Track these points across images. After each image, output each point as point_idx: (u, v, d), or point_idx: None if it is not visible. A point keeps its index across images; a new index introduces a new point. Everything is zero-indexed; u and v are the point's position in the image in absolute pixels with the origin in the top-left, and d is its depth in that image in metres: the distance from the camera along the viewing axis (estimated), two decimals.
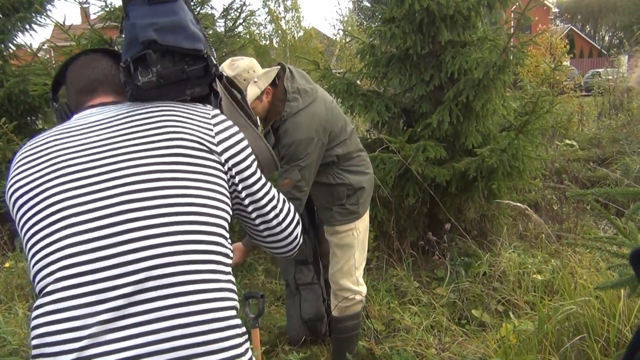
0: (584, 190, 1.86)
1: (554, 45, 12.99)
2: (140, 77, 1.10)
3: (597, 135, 8.37)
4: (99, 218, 1.00)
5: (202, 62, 1.14)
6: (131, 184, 1.03)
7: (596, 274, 3.10)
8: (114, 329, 0.93)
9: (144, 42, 1.08)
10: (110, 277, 0.95)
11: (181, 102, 1.20)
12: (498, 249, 4.01)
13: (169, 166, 1.06)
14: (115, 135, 1.10)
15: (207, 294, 1.00)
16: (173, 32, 1.10)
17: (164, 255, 0.98)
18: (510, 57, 3.81)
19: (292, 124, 2.48)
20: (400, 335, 3.11)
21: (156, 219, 1.01)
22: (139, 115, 1.14)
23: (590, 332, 2.53)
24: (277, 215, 1.25)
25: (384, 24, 4.09)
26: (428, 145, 3.84)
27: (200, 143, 1.11)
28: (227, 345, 1.01)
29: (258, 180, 1.21)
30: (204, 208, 1.07)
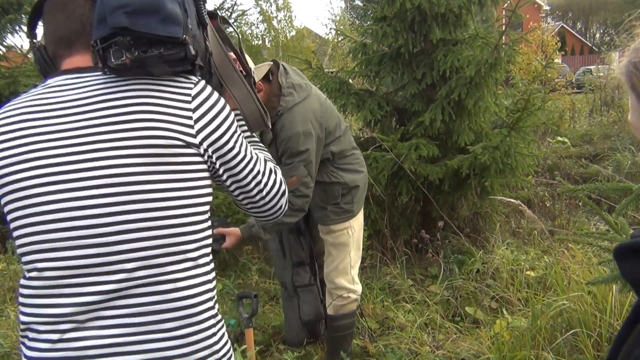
0: (575, 186, 1.87)
1: (546, 43, 13.05)
2: (112, 58, 1.00)
3: (588, 132, 8.42)
4: (79, 218, 1.01)
5: (181, 48, 1.03)
6: (105, 187, 1.01)
7: (589, 270, 3.12)
8: (95, 318, 1.02)
9: (113, 28, 0.98)
10: (93, 274, 1.02)
11: (161, 79, 1.09)
12: (491, 246, 4.02)
13: (143, 167, 1.02)
14: (89, 125, 1.03)
15: (183, 292, 1.06)
16: (146, 15, 0.98)
17: (142, 258, 1.03)
18: (501, 54, 3.82)
19: (288, 118, 2.47)
20: (394, 333, 3.11)
21: (133, 224, 1.02)
22: (113, 102, 1.04)
23: (583, 328, 2.54)
24: (261, 191, 1.21)
25: (375, 23, 4.10)
26: (421, 144, 3.85)
27: (177, 139, 1.04)
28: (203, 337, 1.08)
29: (241, 160, 1.16)
30: (179, 209, 1.05)
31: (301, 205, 2.52)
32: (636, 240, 0.65)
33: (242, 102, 1.26)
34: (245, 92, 1.26)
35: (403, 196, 4.05)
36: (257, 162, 1.20)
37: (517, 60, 4.51)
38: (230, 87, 1.24)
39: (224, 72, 1.23)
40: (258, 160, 1.21)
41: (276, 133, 2.50)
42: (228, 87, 1.24)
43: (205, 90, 1.12)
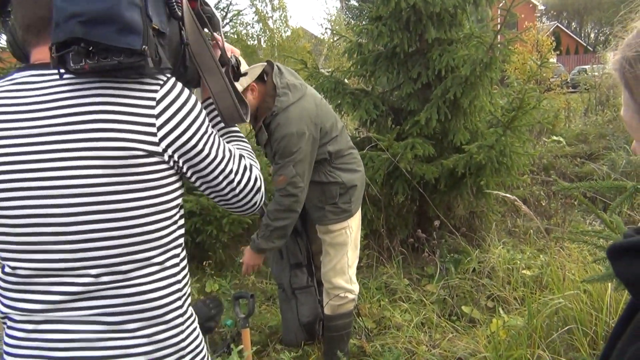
0: (570, 184, 1.87)
1: (540, 42, 13.08)
2: (72, 63, 0.95)
3: (583, 131, 8.44)
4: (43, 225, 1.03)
5: (140, 58, 0.97)
6: (68, 197, 1.01)
7: (584, 268, 3.13)
8: (64, 315, 1.06)
9: (67, 39, 0.94)
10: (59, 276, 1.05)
11: (125, 80, 1.04)
12: (487, 245, 4.03)
13: (104, 178, 1.01)
14: (53, 132, 1.01)
15: (148, 295, 1.09)
16: (102, 25, 0.93)
17: (107, 265, 1.05)
18: (496, 54, 3.83)
19: (283, 119, 2.47)
20: (391, 333, 3.12)
21: (95, 233, 1.03)
22: (77, 108, 1.01)
23: (579, 326, 2.55)
24: (233, 189, 1.19)
25: (371, 22, 4.10)
26: (416, 143, 3.85)
27: (138, 149, 1.02)
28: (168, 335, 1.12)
29: (212, 161, 1.14)
30: (142, 218, 1.05)
31: (289, 205, 2.52)
32: (629, 239, 0.65)
33: (218, 95, 1.23)
34: (222, 84, 1.23)
35: (399, 196, 4.05)
36: (229, 160, 1.18)
37: (512, 60, 4.52)
38: (207, 77, 1.21)
39: (202, 60, 1.19)
40: (231, 158, 1.19)
41: (271, 132, 2.51)
42: (205, 77, 1.21)
43: (172, 91, 1.08)
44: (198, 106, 1.13)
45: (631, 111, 0.65)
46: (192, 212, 3.94)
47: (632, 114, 0.65)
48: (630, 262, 0.64)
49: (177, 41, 1.13)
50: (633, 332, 0.68)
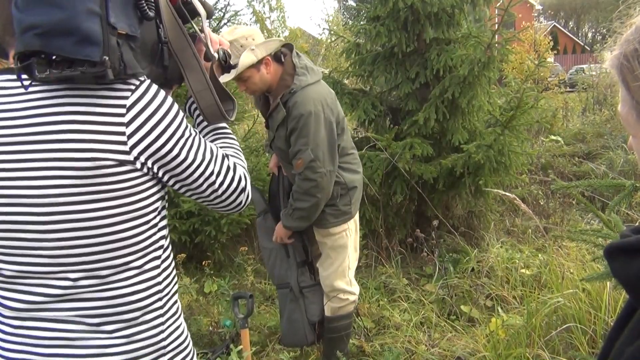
0: (568, 183, 1.87)
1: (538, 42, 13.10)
2: (37, 72, 0.94)
3: (581, 131, 8.46)
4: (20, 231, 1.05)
5: (101, 68, 0.94)
6: (41, 206, 1.01)
7: (583, 267, 3.14)
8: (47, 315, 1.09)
9: (25, 51, 0.93)
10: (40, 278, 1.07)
11: (95, 88, 1.02)
12: (486, 244, 4.04)
13: (75, 188, 1.00)
14: (23, 142, 1.01)
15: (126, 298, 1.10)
16: (59, 37, 0.91)
17: (85, 270, 1.06)
18: (494, 53, 3.83)
19: (301, 97, 2.44)
20: (390, 332, 3.12)
21: (71, 241, 1.04)
22: (47, 117, 1.00)
23: (578, 325, 2.55)
24: (215, 190, 1.18)
25: (368, 23, 4.10)
26: (415, 143, 3.86)
27: (108, 159, 1.01)
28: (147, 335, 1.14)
29: (189, 165, 1.12)
30: (117, 226, 1.05)
31: (307, 189, 2.50)
32: (626, 239, 0.66)
33: (199, 93, 1.20)
34: (204, 83, 1.19)
35: (397, 195, 4.05)
36: (210, 161, 1.16)
37: (510, 60, 4.53)
38: (188, 76, 1.18)
39: (183, 57, 1.16)
40: (212, 160, 1.16)
41: (288, 110, 2.46)
42: (187, 76, 1.18)
43: (144, 96, 1.05)
44: (174, 109, 1.10)
45: (628, 107, 0.65)
46: (191, 212, 3.94)
47: (629, 109, 0.65)
48: (627, 262, 0.64)
49: (154, 41, 1.11)
50: (631, 332, 0.68)
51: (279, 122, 2.51)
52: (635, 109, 0.63)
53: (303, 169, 2.47)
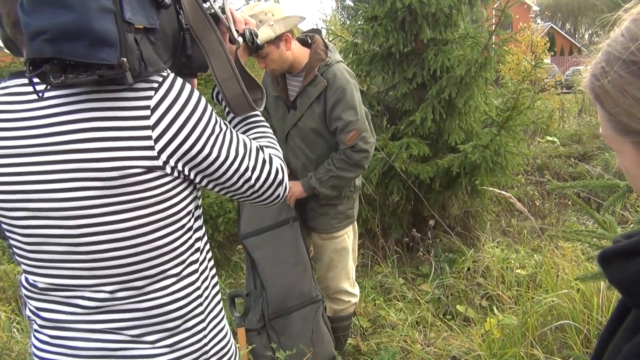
0: (563, 183, 1.89)
1: (535, 43, 13.13)
2: (51, 78, 0.86)
3: (577, 132, 8.49)
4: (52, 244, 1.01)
5: (120, 70, 0.87)
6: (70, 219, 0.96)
7: (578, 268, 3.15)
8: (85, 327, 1.05)
9: (36, 58, 0.85)
10: (76, 291, 1.04)
11: (116, 89, 0.95)
12: (482, 244, 4.05)
13: (104, 199, 0.95)
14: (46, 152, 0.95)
15: (166, 307, 1.06)
16: (70, 41, 0.83)
17: (121, 282, 1.02)
18: (491, 54, 3.85)
19: (339, 70, 2.42)
20: (386, 332, 3.13)
21: (105, 253, 0.99)
22: (68, 125, 0.94)
23: (572, 324, 2.57)
24: (252, 186, 1.10)
25: (366, 23, 4.11)
26: (411, 143, 3.87)
27: (135, 166, 0.94)
28: (190, 342, 1.11)
29: (222, 163, 1.04)
30: (150, 235, 1.00)
31: (358, 160, 2.47)
32: (618, 245, 0.67)
33: (224, 83, 1.11)
34: (229, 71, 1.10)
35: (394, 195, 4.06)
36: (244, 157, 1.08)
37: (507, 60, 4.54)
38: (213, 63, 1.10)
39: (207, 43, 1.08)
40: (246, 155, 1.08)
41: (329, 82, 2.41)
42: (211, 63, 1.10)
43: (169, 94, 0.97)
44: (201, 104, 1.02)
45: (605, 124, 0.68)
46: None
47: (607, 125, 0.67)
48: (620, 267, 0.66)
49: (175, 29, 1.03)
50: (626, 331, 0.69)
51: (314, 97, 2.43)
52: (610, 121, 0.66)
53: (357, 139, 2.43)
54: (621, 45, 0.62)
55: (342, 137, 2.44)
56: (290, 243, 2.63)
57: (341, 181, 2.52)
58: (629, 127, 0.63)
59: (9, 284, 3.52)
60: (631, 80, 0.61)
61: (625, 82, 0.61)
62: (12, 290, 3.46)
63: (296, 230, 2.62)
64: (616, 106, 0.63)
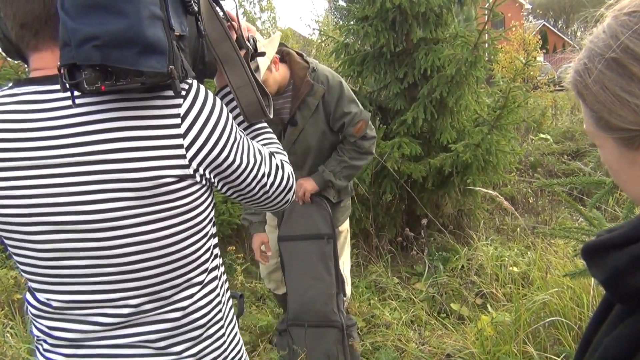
0: (549, 180, 1.90)
1: (527, 41, 13.18)
2: (86, 84, 0.83)
3: (570, 129, 8.53)
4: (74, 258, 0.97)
5: (165, 78, 0.86)
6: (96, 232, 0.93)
7: (570, 265, 3.17)
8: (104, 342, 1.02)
9: (82, 64, 0.82)
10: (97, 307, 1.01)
11: (144, 103, 0.92)
12: (475, 242, 4.06)
13: (132, 210, 0.92)
14: (71, 163, 0.91)
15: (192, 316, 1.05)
16: (121, 48, 0.80)
17: (146, 294, 1.00)
18: (481, 52, 3.86)
19: (326, 70, 2.49)
20: (380, 331, 3.13)
21: (130, 265, 0.96)
22: (93, 135, 0.90)
23: (563, 321, 2.58)
24: (266, 192, 1.11)
25: (357, 23, 4.12)
26: (403, 142, 3.88)
27: (167, 176, 0.92)
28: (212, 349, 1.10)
29: (243, 170, 1.04)
30: (177, 245, 0.99)
31: (368, 147, 2.57)
32: (599, 239, 0.68)
33: (240, 90, 1.11)
34: (244, 77, 1.10)
35: (387, 195, 4.07)
36: (261, 164, 1.08)
37: (499, 59, 4.56)
38: (227, 69, 1.10)
39: (220, 49, 1.08)
40: (262, 161, 1.09)
41: (324, 83, 2.44)
42: (225, 69, 1.10)
43: (197, 101, 0.95)
44: (224, 111, 1.01)
45: (588, 119, 0.69)
46: None
47: (589, 121, 0.68)
48: (601, 261, 0.66)
49: (195, 36, 1.02)
50: (609, 325, 0.70)
51: (315, 106, 2.45)
52: (593, 117, 0.67)
53: (366, 128, 2.52)
54: (602, 42, 0.63)
55: (350, 130, 2.51)
56: (320, 259, 2.64)
57: (354, 170, 2.60)
58: (610, 123, 0.64)
59: (2, 289, 3.51)
60: (611, 77, 0.61)
61: (606, 78, 0.62)
62: (5, 295, 3.45)
63: (330, 248, 2.63)
64: (597, 102, 0.64)
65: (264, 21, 13.48)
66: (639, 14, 0.60)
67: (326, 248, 2.62)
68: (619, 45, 0.60)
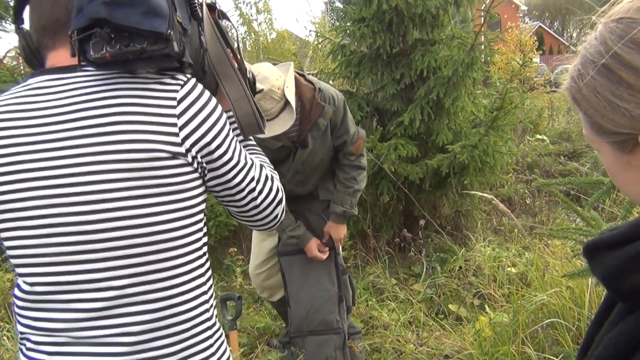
0: (548, 180, 1.90)
1: (523, 43, 13.22)
2: (92, 52, 0.92)
3: (567, 130, 8.55)
4: (64, 234, 0.98)
5: (165, 43, 0.94)
6: (89, 204, 0.96)
7: (568, 265, 3.17)
8: (89, 334, 1.00)
9: (91, 19, 0.91)
10: (80, 291, 1.00)
11: (145, 80, 1.01)
12: (473, 243, 4.06)
13: (126, 182, 0.96)
14: (71, 137, 0.97)
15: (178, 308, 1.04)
16: (127, 7, 0.90)
17: (131, 275, 1.00)
18: (477, 54, 3.87)
19: (330, 89, 2.50)
20: (378, 332, 3.13)
21: (118, 241, 0.98)
22: (95, 110, 0.97)
23: (562, 321, 2.58)
24: (255, 199, 1.13)
25: (353, 24, 4.12)
26: (400, 144, 3.88)
27: (161, 150, 0.98)
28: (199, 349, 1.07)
29: (234, 166, 1.09)
30: (167, 224, 1.00)
31: (365, 165, 2.64)
32: (600, 237, 0.68)
33: (236, 102, 1.18)
34: (241, 92, 1.18)
35: (384, 196, 4.07)
36: (250, 168, 1.13)
37: (496, 60, 4.57)
38: (225, 85, 1.17)
39: (220, 68, 1.16)
40: (252, 167, 1.13)
41: (331, 103, 2.45)
42: (223, 85, 1.17)
43: (193, 91, 1.04)
44: (219, 109, 1.08)
45: (584, 122, 0.70)
46: None
47: (585, 124, 0.70)
48: (601, 259, 0.67)
49: (197, 44, 1.09)
50: (610, 324, 0.70)
51: (326, 124, 2.46)
52: (588, 122, 0.69)
53: (363, 146, 2.61)
54: (593, 49, 0.65)
55: (350, 148, 2.56)
56: (322, 270, 2.69)
57: (360, 192, 2.67)
58: (604, 127, 0.66)
59: None
60: (602, 82, 0.64)
61: (597, 84, 0.64)
62: (2, 298, 3.44)
63: (331, 256, 2.69)
64: (591, 108, 0.66)
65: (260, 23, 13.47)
66: (625, 20, 0.62)
67: (327, 257, 2.68)
68: (608, 52, 0.63)
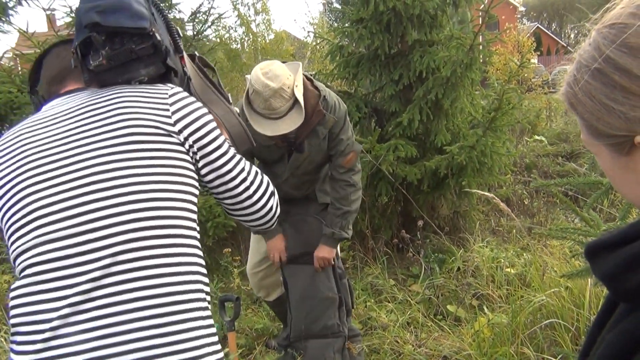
0: (547, 181, 1.90)
1: (521, 43, 13.23)
2: (91, 61, 1.13)
3: (565, 131, 8.56)
4: (67, 208, 1.05)
5: (149, 40, 1.14)
6: (93, 175, 1.06)
7: (566, 265, 3.17)
8: (81, 311, 1.00)
9: (87, 25, 1.10)
10: (79, 263, 1.02)
11: (140, 85, 1.20)
12: (471, 244, 4.06)
13: (127, 154, 1.08)
14: (77, 127, 1.13)
15: (171, 278, 1.05)
16: (115, 12, 1.11)
17: (127, 241, 1.03)
18: (476, 54, 3.87)
19: (334, 97, 2.46)
20: (377, 333, 3.12)
21: (118, 207, 1.05)
22: (97, 104, 1.15)
23: (561, 322, 2.58)
24: (247, 189, 1.23)
25: (351, 25, 4.12)
26: (398, 145, 3.88)
27: (156, 127, 1.12)
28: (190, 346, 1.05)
29: (224, 154, 1.20)
30: (165, 193, 1.08)
31: (358, 182, 2.56)
32: (602, 237, 0.69)
33: (224, 117, 1.32)
34: (226, 109, 1.33)
35: (383, 197, 4.07)
36: (241, 159, 1.24)
37: (494, 61, 4.58)
38: (211, 106, 1.29)
39: (205, 96, 1.31)
40: (242, 159, 1.24)
41: (332, 112, 2.43)
42: (209, 107, 1.28)
43: (182, 92, 1.20)
44: (206, 110, 1.22)
45: (581, 126, 0.72)
46: None
47: (582, 128, 0.72)
48: (603, 259, 0.67)
49: (181, 70, 1.26)
50: (612, 324, 0.70)
51: (325, 133, 2.44)
52: (585, 126, 0.70)
53: (355, 161, 2.51)
54: (587, 54, 0.67)
55: (340, 160, 2.49)
56: (322, 277, 2.68)
57: (355, 213, 2.61)
58: (600, 130, 0.67)
59: None
60: (597, 86, 0.66)
61: (592, 88, 0.66)
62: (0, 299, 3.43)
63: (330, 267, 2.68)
64: (587, 112, 0.68)
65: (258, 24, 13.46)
66: (617, 25, 0.64)
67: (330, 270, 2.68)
68: (601, 56, 0.64)
